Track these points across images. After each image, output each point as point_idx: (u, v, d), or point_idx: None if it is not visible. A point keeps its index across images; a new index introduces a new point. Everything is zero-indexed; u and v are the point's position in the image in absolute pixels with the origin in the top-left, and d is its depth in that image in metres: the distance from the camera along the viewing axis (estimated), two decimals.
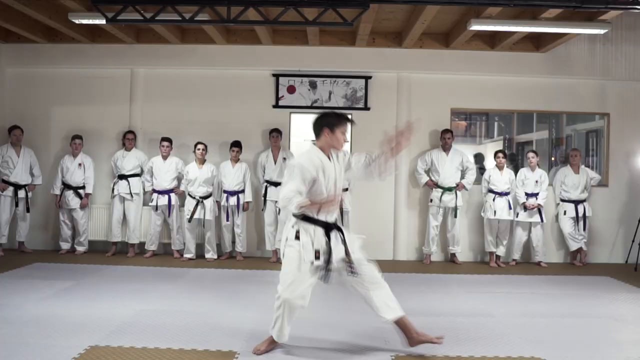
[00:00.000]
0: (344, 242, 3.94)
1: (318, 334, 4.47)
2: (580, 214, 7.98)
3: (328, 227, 3.92)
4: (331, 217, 3.96)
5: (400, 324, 3.99)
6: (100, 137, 8.38)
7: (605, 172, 8.49)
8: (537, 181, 7.92)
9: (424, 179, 8.07)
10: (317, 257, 3.84)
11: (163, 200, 7.87)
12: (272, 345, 4.07)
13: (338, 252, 3.90)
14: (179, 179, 7.98)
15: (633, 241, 7.96)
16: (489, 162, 9.25)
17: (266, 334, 4.11)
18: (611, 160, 8.45)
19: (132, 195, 7.97)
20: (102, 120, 8.40)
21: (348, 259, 3.90)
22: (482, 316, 5.15)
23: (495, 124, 10.82)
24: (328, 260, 3.85)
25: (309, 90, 8.34)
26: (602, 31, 7.00)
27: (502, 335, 4.55)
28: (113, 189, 8.03)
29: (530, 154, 8.07)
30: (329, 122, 3.96)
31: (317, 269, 3.85)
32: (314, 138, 4.05)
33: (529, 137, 10.06)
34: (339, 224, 4.05)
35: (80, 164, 8.02)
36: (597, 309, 5.55)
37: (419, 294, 6.08)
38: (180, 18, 5.76)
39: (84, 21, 6.71)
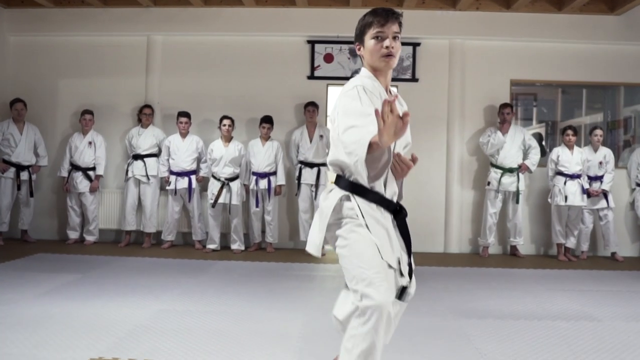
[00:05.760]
0: (404, 234, 2.53)
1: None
2: None
3: (390, 208, 2.49)
4: (391, 191, 2.50)
5: None
6: (113, 113, 7.79)
7: None
8: (601, 162, 7.09)
9: (492, 141, 7.10)
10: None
11: (182, 183, 7.19)
12: None
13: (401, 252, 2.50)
14: (199, 160, 7.32)
15: None
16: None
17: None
18: None
19: (148, 178, 7.31)
20: (115, 94, 7.80)
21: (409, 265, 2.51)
22: (584, 320, 4.14)
23: (535, 108, 9.94)
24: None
25: (349, 59, 7.53)
26: None
27: (620, 344, 3.55)
28: (127, 171, 7.41)
29: (598, 131, 7.22)
30: (358, 29, 2.53)
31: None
32: None
33: (579, 121, 9.12)
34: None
35: (90, 143, 7.41)
36: None
37: (489, 290, 5.18)
38: None
39: None
